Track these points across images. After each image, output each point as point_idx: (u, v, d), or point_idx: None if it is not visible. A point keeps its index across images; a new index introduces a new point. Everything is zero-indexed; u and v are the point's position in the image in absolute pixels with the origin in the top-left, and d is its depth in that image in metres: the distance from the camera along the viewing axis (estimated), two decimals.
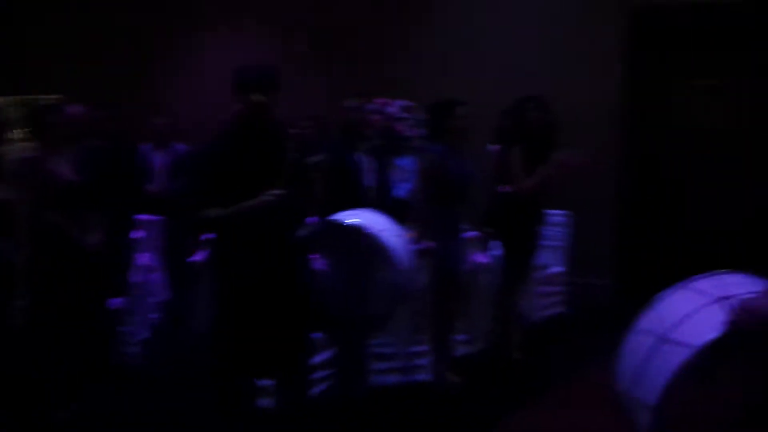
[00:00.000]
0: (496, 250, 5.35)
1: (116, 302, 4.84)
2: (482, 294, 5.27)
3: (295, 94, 7.12)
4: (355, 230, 3.11)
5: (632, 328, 2.19)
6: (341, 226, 3.16)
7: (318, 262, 3.33)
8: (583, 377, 4.88)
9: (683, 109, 7.17)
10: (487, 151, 5.48)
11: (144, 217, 5.68)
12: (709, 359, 1.97)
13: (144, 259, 5.43)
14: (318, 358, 4.33)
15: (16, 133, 4.73)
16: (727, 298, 2.05)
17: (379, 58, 7.77)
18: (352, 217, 3.19)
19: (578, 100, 6.88)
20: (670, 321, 2.09)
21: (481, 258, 5.21)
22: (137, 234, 5.43)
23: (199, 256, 5.20)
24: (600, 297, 6.69)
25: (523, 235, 5.07)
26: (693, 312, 2.07)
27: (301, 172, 3.28)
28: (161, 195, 6.44)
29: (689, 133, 7.13)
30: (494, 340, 5.26)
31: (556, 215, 6.17)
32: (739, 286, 2.11)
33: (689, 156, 7.13)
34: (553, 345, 5.63)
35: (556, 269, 6.24)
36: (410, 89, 6.63)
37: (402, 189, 5.81)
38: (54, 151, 3.95)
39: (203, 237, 4.89)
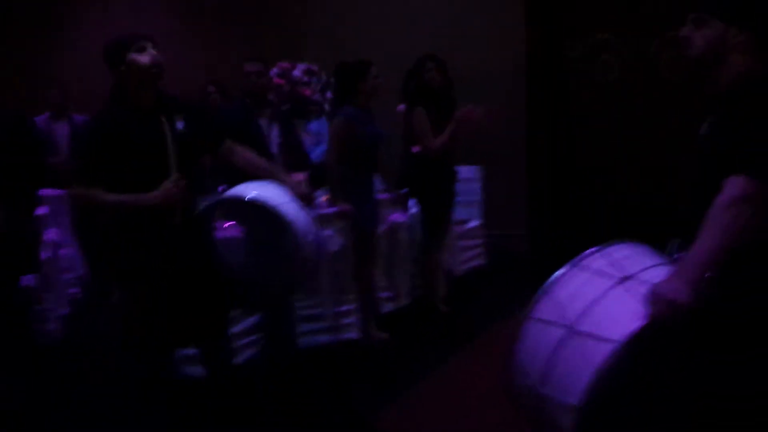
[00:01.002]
0: (414, 208, 5.41)
1: (28, 280, 4.65)
2: (402, 251, 5.32)
3: (193, 62, 6.97)
4: (255, 204, 3.03)
5: (527, 315, 1.96)
6: (240, 201, 3.06)
7: (221, 232, 3.23)
8: (507, 326, 5.02)
9: (580, 62, 7.40)
10: (397, 111, 5.50)
11: (48, 191, 5.44)
12: (631, 353, 1.80)
13: (52, 234, 5.21)
14: (245, 324, 4.30)
15: None
16: (628, 278, 1.91)
17: (278, 20, 7.62)
18: (250, 191, 3.08)
19: (481, 56, 7.00)
20: (575, 309, 1.89)
21: (398, 217, 5.26)
22: (43, 209, 5.20)
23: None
24: (517, 247, 6.89)
25: (438, 192, 5.15)
26: (599, 298, 1.88)
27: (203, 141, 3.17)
28: (65, 167, 6.17)
29: (587, 85, 7.38)
30: (419, 294, 5.34)
31: (469, 170, 6.27)
32: (634, 262, 1.98)
33: (589, 106, 7.39)
34: (475, 296, 5.76)
35: (474, 223, 6.36)
36: (309, 51, 6.59)
37: (313, 153, 5.79)
38: None
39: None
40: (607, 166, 7.34)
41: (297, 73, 5.28)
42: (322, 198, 4.59)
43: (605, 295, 1.89)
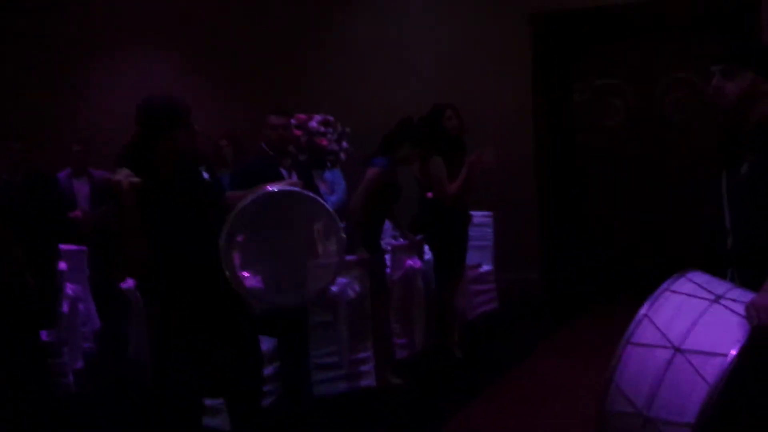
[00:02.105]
0: (428, 254, 5.47)
1: (47, 334, 4.70)
2: (417, 297, 5.35)
3: (209, 113, 7.11)
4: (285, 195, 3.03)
5: (626, 341, 2.00)
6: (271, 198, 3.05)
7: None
8: (522, 370, 5.03)
9: (585, 107, 7.53)
10: None
11: (68, 246, 5.52)
12: (741, 366, 1.87)
13: (71, 289, 5.28)
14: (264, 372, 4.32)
15: None
16: (720, 297, 2.00)
17: (294, 73, 7.79)
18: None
19: (490, 101, 7.12)
20: (677, 330, 1.94)
21: (414, 263, 5.31)
22: (63, 264, 5.27)
23: (128, 283, 5.10)
24: (529, 290, 6.90)
25: (452, 237, 5.22)
26: (698, 317, 1.95)
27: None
28: (84, 223, 6.27)
29: (593, 129, 7.50)
30: (433, 340, 5.35)
31: (482, 216, 6.34)
32: (717, 284, 2.09)
33: (597, 148, 7.49)
34: (490, 341, 5.76)
35: (486, 267, 6.39)
36: (323, 102, 6.72)
37: (328, 202, 5.88)
38: None
39: None
40: (617, 208, 7.41)
41: (313, 124, 5.40)
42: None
43: (704, 314, 1.96)
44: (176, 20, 8.21)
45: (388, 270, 4.90)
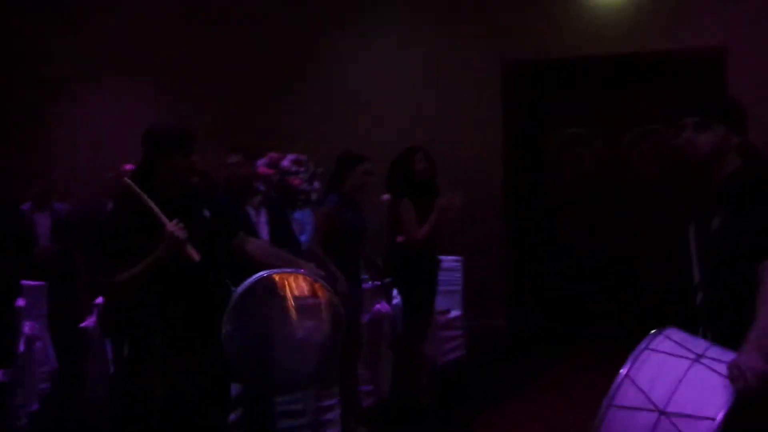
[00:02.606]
0: (396, 298, 5.41)
1: (0, 374, 4.54)
2: (385, 342, 5.28)
3: None
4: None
5: (608, 405, 1.96)
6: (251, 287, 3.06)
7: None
8: (490, 417, 4.97)
9: (555, 155, 7.62)
10: (381, 201, 5.57)
11: (27, 282, 5.37)
12: (728, 429, 1.85)
13: (28, 327, 5.11)
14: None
15: None
16: (701, 356, 1.98)
17: (268, 112, 7.76)
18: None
19: (461, 148, 7.17)
20: (660, 392, 1.91)
21: (382, 307, 5.25)
22: (21, 300, 5.12)
23: (89, 321, 4.96)
24: (497, 337, 6.87)
25: (421, 282, 5.18)
26: (681, 378, 1.93)
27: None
28: (45, 258, 6.12)
29: (562, 177, 7.58)
30: (400, 387, 5.28)
31: (450, 260, 6.32)
32: (695, 343, 2.07)
33: (565, 199, 7.57)
34: (458, 388, 5.70)
35: (455, 313, 6.35)
36: (296, 140, 6.70)
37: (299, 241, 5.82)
38: None
39: (96, 301, 4.67)
40: (585, 256, 7.46)
41: (286, 163, 5.36)
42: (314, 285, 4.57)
43: (687, 375, 1.94)
44: (146, 55, 8.14)
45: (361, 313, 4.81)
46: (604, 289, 7.37)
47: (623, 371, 1.99)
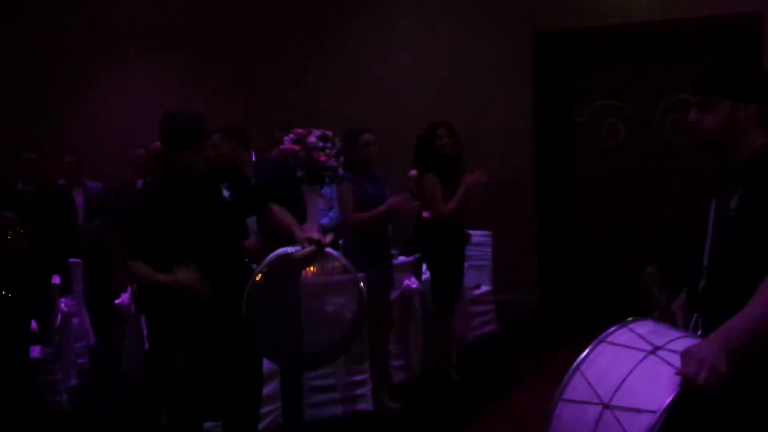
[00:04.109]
0: (426, 274, 5.42)
1: (38, 350, 4.64)
2: (415, 318, 5.30)
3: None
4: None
5: (558, 397, 1.90)
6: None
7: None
8: (521, 393, 4.98)
9: (585, 127, 7.51)
10: (408, 176, 5.56)
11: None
12: (670, 422, 1.74)
13: (65, 304, 5.21)
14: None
15: None
16: (658, 348, 1.86)
17: (294, 88, 7.75)
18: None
19: (490, 120, 7.11)
20: (607, 385, 1.83)
21: (411, 282, 5.26)
22: (56, 278, 5.21)
23: (124, 298, 5.05)
24: (528, 311, 6.85)
25: (449, 257, 5.16)
26: (631, 371, 1.83)
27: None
28: (80, 235, 6.21)
29: (594, 150, 7.47)
30: (431, 363, 5.30)
31: (480, 235, 6.30)
32: (661, 334, 1.93)
33: (596, 169, 7.46)
34: (488, 363, 5.70)
35: (484, 288, 6.35)
36: (323, 117, 6.69)
37: (326, 217, 5.84)
38: None
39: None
40: (616, 229, 7.37)
41: (312, 139, 5.35)
42: (334, 264, 4.59)
43: (637, 367, 1.84)
44: (175, 33, 8.16)
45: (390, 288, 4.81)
46: (637, 263, 7.27)
47: (574, 364, 1.92)
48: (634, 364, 1.84)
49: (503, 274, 6.58)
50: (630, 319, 2.03)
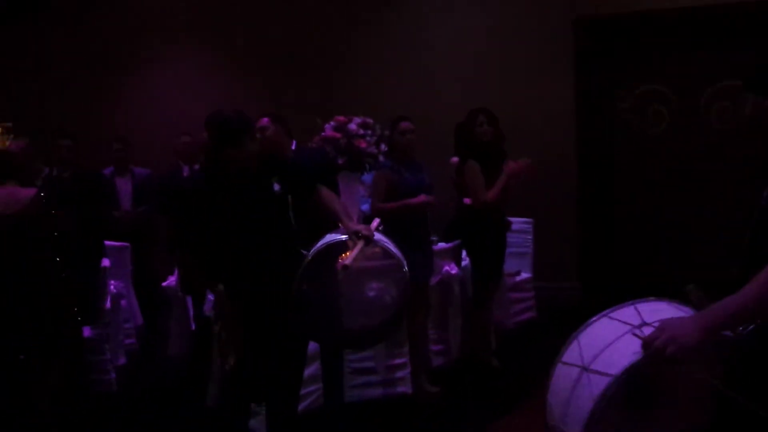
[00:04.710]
0: (465, 260, 5.44)
1: (88, 330, 4.79)
2: (454, 304, 5.34)
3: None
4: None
5: (557, 361, 2.11)
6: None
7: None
8: None
9: (628, 113, 7.42)
10: (450, 163, 5.58)
11: (112, 243, 5.63)
12: (629, 385, 1.94)
13: (114, 285, 5.38)
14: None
15: None
16: (646, 324, 2.01)
17: (333, 75, 7.80)
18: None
19: (531, 107, 7.08)
20: (591, 351, 2.03)
21: (451, 268, 5.29)
22: (106, 261, 5.37)
23: (171, 281, 5.18)
24: (568, 299, 6.84)
25: (489, 244, 5.17)
26: (613, 341, 2.01)
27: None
28: (127, 220, 6.39)
29: (637, 137, 7.39)
30: (470, 348, 5.34)
31: (521, 222, 6.29)
32: (659, 313, 2.05)
33: (639, 156, 7.38)
34: (527, 350, 5.72)
35: (525, 275, 6.35)
36: (364, 105, 6.74)
37: (366, 204, 5.89)
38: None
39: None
40: (659, 216, 7.29)
41: (353, 126, 5.40)
42: (375, 249, 4.65)
43: (620, 338, 2.01)
44: (219, 23, 8.28)
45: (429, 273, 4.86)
46: (678, 251, 7.21)
47: (575, 333, 2.13)
48: (618, 336, 2.02)
49: (544, 262, 6.57)
50: (647, 298, 2.16)
